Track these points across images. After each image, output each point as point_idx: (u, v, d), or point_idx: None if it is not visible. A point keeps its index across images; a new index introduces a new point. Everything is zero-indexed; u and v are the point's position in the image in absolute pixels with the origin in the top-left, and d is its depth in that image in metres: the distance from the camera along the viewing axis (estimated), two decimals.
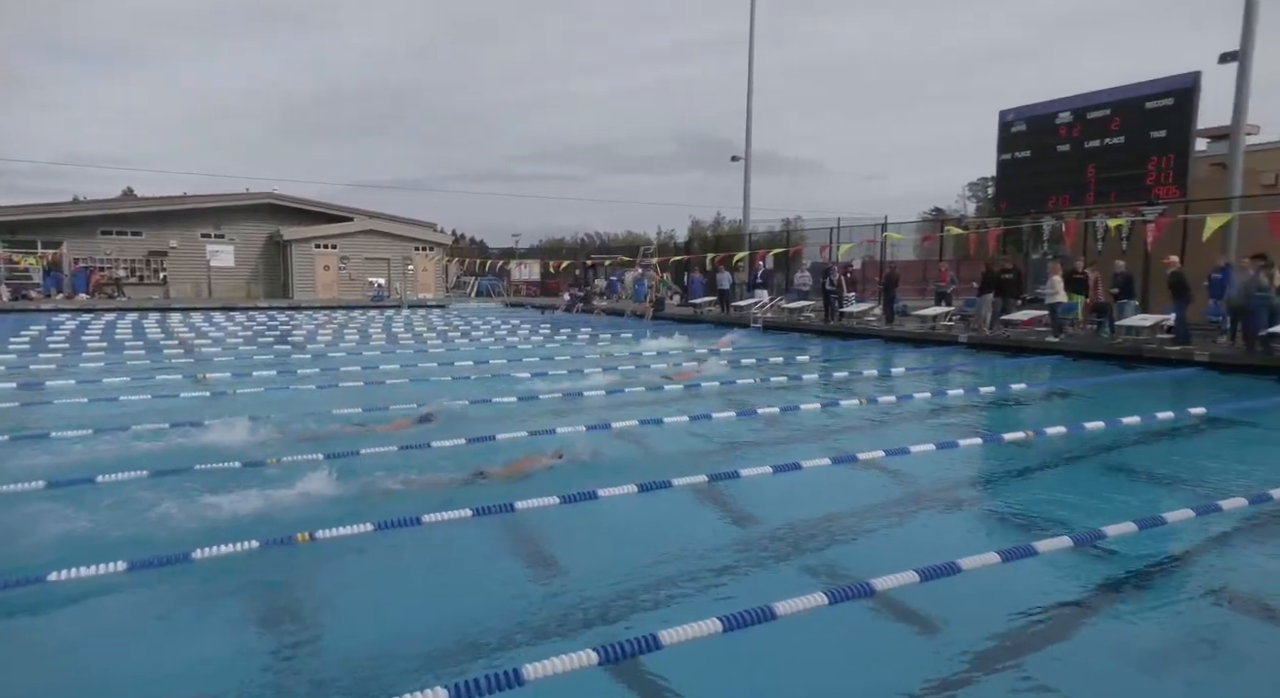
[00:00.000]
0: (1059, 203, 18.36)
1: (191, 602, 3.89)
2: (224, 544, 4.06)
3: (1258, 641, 3.63)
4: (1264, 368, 11.65)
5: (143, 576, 3.90)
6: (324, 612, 3.90)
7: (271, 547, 4.21)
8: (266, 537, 4.27)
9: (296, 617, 3.82)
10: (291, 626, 3.72)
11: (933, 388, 10.67)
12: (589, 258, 42.06)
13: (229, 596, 3.98)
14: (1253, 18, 14.69)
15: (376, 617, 3.85)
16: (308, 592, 4.12)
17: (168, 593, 3.94)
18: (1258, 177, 15.93)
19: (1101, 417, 8.15)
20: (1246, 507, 5.13)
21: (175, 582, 3.99)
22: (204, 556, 3.96)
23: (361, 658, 3.35)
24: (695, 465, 6.22)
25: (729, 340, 12.01)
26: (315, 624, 3.75)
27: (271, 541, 4.25)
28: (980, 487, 6.23)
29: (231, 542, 4.09)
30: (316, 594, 4.10)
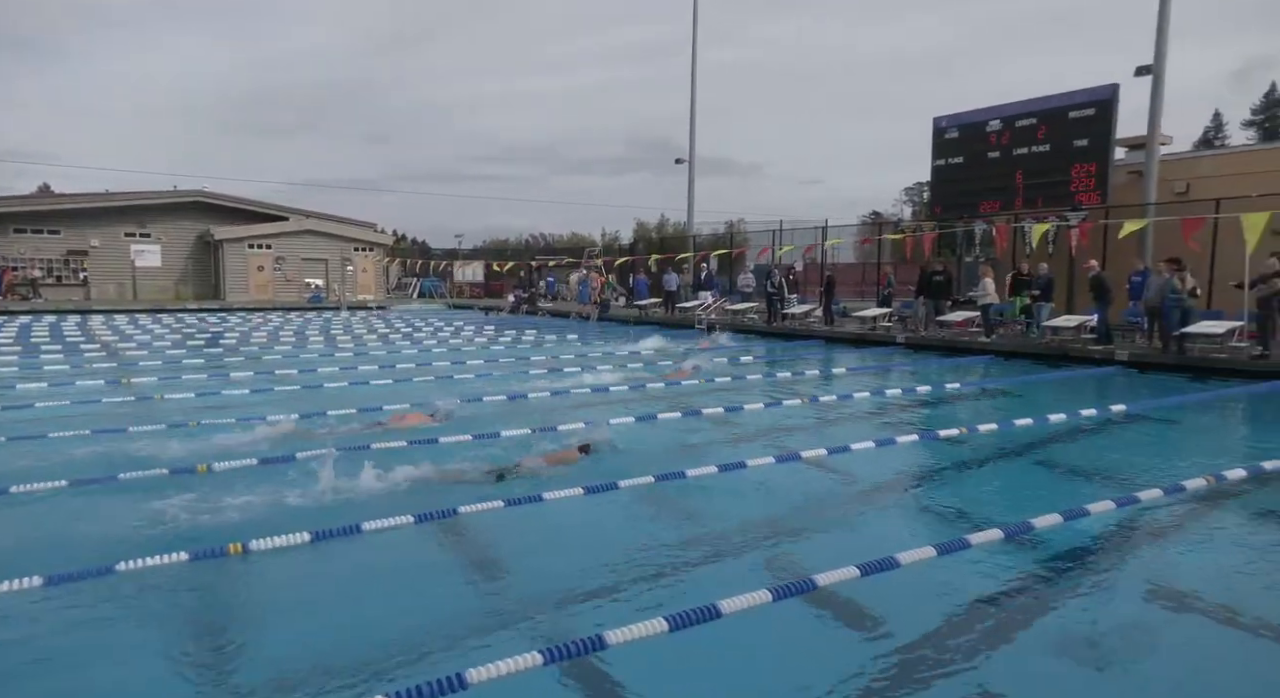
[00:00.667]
0: (990, 208, 19.05)
1: (115, 618, 3.72)
2: (151, 557, 3.89)
3: (1170, 624, 3.83)
4: (1178, 366, 12.30)
5: (61, 591, 3.71)
6: (257, 625, 3.77)
7: (202, 559, 4.06)
8: (197, 548, 4.12)
9: (227, 631, 3.69)
10: (222, 640, 3.59)
11: (872, 387, 10.93)
12: (534, 259, 41.75)
13: (155, 611, 3.82)
14: (1165, 34, 15.50)
15: (314, 627, 3.74)
16: (240, 604, 3.98)
17: (89, 609, 3.75)
18: (1171, 185, 16.80)
19: (1030, 414, 8.48)
20: (1162, 498, 5.41)
21: (97, 597, 3.81)
22: (129, 568, 3.79)
23: (298, 670, 3.25)
24: (642, 466, 6.24)
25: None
26: (248, 638, 3.62)
27: (202, 552, 4.09)
28: (918, 483, 6.40)
29: (159, 554, 3.93)
30: (250, 607, 3.97)
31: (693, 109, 28.09)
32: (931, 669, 3.29)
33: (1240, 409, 9.95)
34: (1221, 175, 16.59)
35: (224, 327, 21.59)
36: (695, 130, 28.13)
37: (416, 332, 20.31)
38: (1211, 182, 16.40)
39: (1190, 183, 16.83)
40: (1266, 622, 3.75)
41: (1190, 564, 4.52)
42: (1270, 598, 4.07)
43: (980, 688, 3.13)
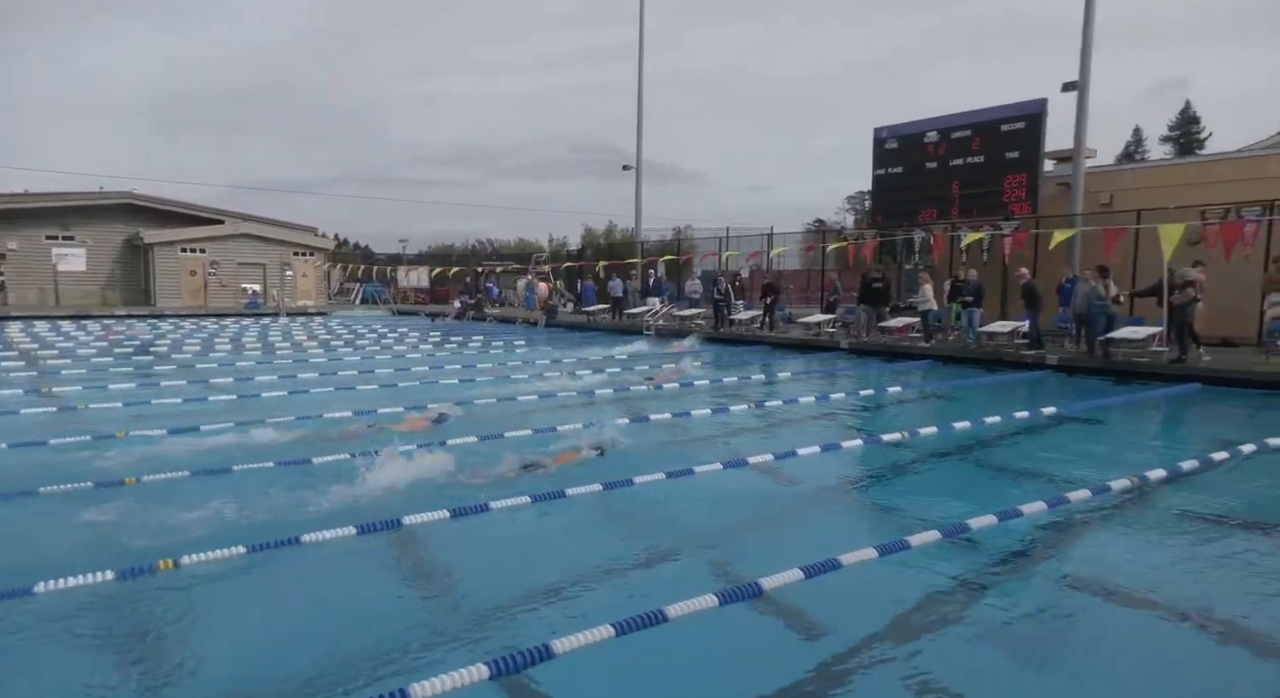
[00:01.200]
0: (929, 216, 19.63)
1: (34, 645, 3.53)
2: (74, 576, 3.71)
3: (1100, 621, 3.99)
4: (1104, 370, 12.86)
5: None
6: (190, 645, 3.63)
7: (130, 577, 3.89)
8: (124, 566, 3.94)
9: (158, 653, 3.54)
10: (152, 663, 3.45)
11: (817, 392, 11.13)
12: (480, 265, 41.31)
13: (79, 635, 3.64)
14: (1089, 52, 16.25)
15: (251, 645, 3.62)
16: (172, 624, 3.82)
17: (4, 635, 3.55)
18: (1096, 196, 17.60)
19: (967, 417, 8.76)
20: (1090, 498, 5.64)
21: (13, 624, 3.61)
22: (49, 589, 3.61)
23: (236, 689, 3.14)
24: (589, 474, 6.22)
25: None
26: (181, 658, 3.48)
27: (130, 570, 3.92)
28: (862, 486, 6.54)
29: (83, 573, 3.75)
30: (182, 627, 3.81)
31: (639, 115, 28.24)
32: (873, 668, 3.36)
33: (1160, 411, 10.45)
34: (1142, 188, 17.45)
35: (155, 333, 20.76)
36: (642, 137, 28.30)
37: (359, 338, 19.88)
38: (1133, 193, 17.23)
39: (1113, 194, 17.65)
40: (1183, 612, 3.94)
41: (1115, 561, 4.72)
42: (1187, 591, 4.28)
43: (921, 684, 3.21)
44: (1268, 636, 3.69)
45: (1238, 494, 6.10)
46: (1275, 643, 3.61)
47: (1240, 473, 6.76)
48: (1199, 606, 4.03)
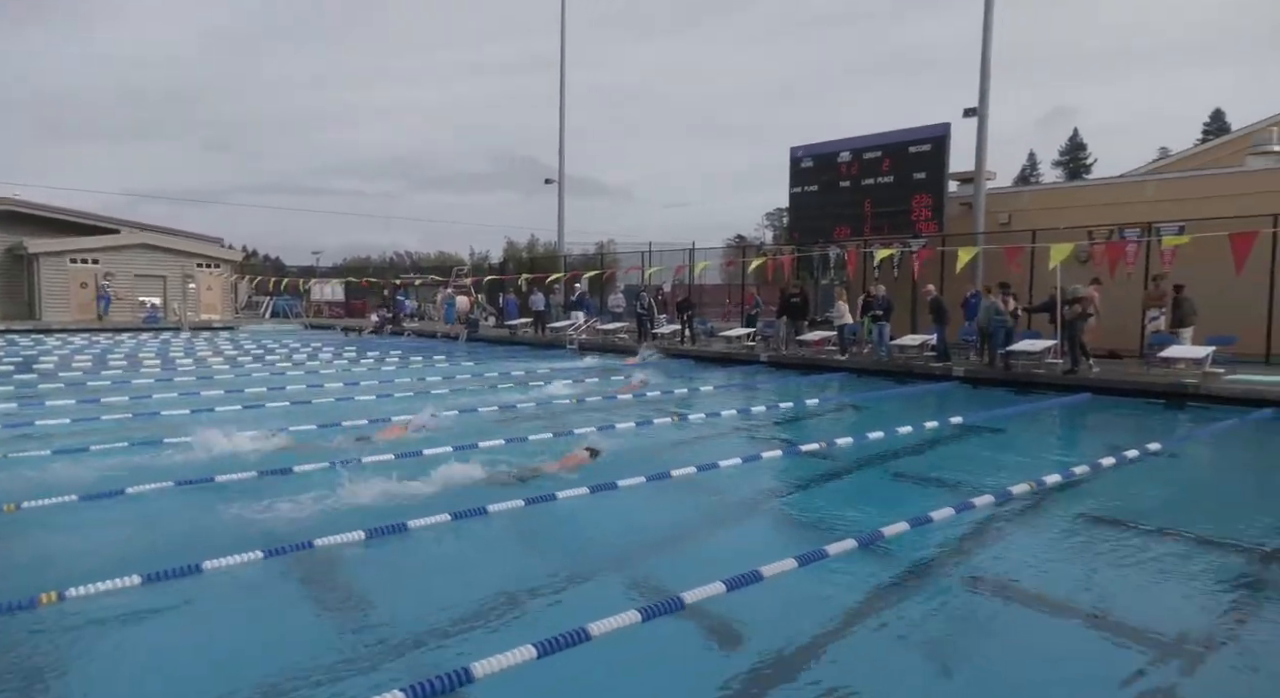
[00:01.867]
0: (842, 233, 20.34)
1: None
2: None
3: (1001, 620, 4.19)
4: (1005, 381, 13.57)
5: None
6: (78, 687, 3.37)
7: (7, 613, 3.59)
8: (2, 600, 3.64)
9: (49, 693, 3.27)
10: None
11: (739, 405, 11.32)
12: (398, 278, 40.32)
13: None
14: (987, 80, 17.24)
15: (145, 685, 3.39)
16: (55, 665, 3.54)
17: None
18: (996, 216, 18.62)
19: (881, 427, 9.08)
20: (993, 503, 5.93)
21: None
22: None
23: None
24: (511, 491, 6.13)
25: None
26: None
27: (6, 606, 3.62)
28: (782, 497, 6.67)
29: None
30: (68, 666, 3.53)
31: (561, 129, 28.27)
32: (793, 676, 3.42)
33: (1055, 419, 11.10)
34: (1037, 209, 18.58)
35: (39, 350, 19.35)
36: (565, 151, 28.31)
37: (269, 354, 19.05)
38: (1029, 214, 18.32)
39: (1011, 214, 18.71)
40: (1074, 607, 4.18)
41: (1015, 562, 4.96)
42: (1077, 587, 4.54)
43: (840, 690, 3.29)
44: (1146, 626, 3.95)
45: (1123, 496, 6.53)
46: (1151, 632, 3.87)
47: (1125, 476, 7.24)
48: (1088, 601, 4.29)
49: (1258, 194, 14.88)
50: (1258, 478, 7.86)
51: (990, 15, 17.03)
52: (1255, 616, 4.15)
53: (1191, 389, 11.46)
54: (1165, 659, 3.63)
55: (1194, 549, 5.20)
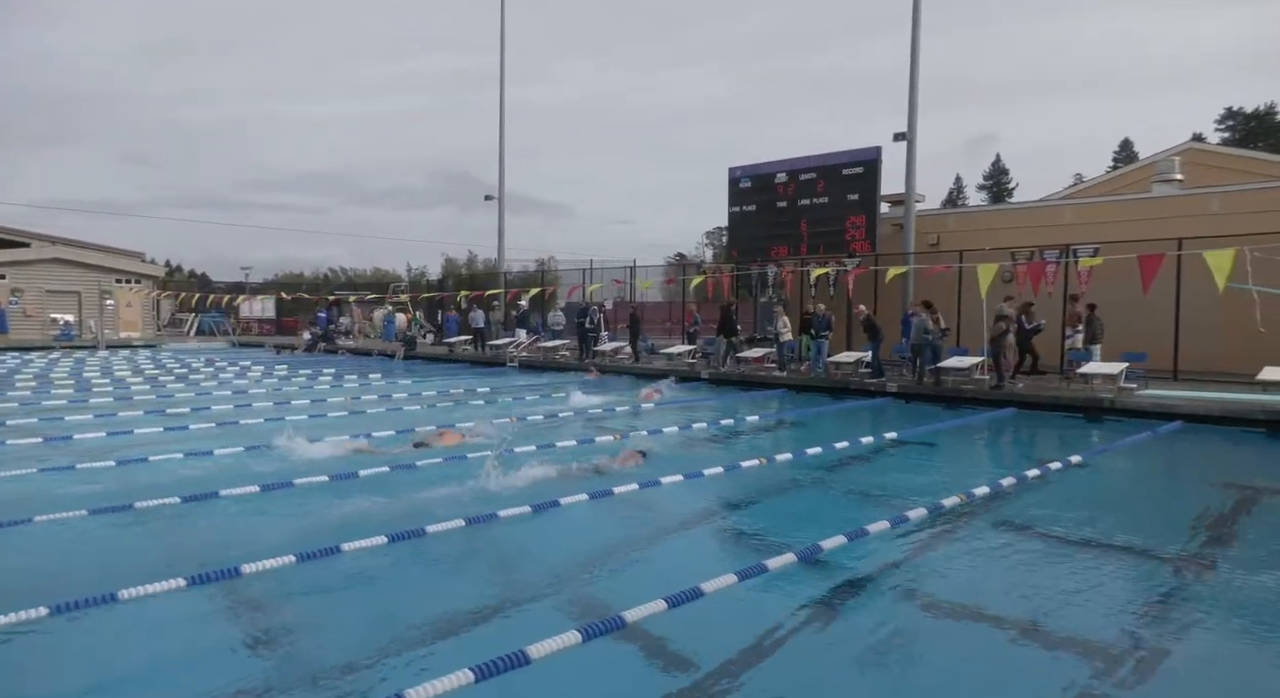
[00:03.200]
0: (780, 252, 20.77)
1: None
2: None
3: (941, 632, 4.29)
4: (936, 397, 14.01)
5: None
6: None
7: None
8: None
9: None
10: None
11: (680, 421, 11.36)
12: (332, 294, 39.30)
13: None
14: (915, 107, 17.92)
15: None
16: None
17: None
18: (926, 237, 19.31)
19: (819, 442, 9.25)
20: (926, 515, 6.10)
21: None
22: None
23: None
24: (450, 509, 6.01)
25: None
26: None
27: None
28: (723, 513, 6.71)
29: None
30: None
31: (501, 145, 28.16)
32: (733, 692, 3.43)
33: (984, 433, 11.50)
34: (964, 231, 19.35)
35: None
36: (505, 167, 28.20)
37: (193, 373, 18.29)
38: (956, 235, 19.08)
39: (940, 236, 19.44)
40: (1006, 619, 4.32)
41: (947, 572, 5.11)
42: (1006, 596, 4.69)
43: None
44: (1075, 634, 4.10)
45: (1048, 507, 6.80)
46: (1080, 640, 4.02)
47: (1050, 488, 7.54)
48: (1019, 611, 4.43)
49: (1163, 219, 15.88)
50: (1169, 487, 8.30)
51: (917, 45, 17.75)
52: (1175, 620, 4.36)
53: (1107, 404, 12.04)
54: (1095, 667, 3.77)
55: (1115, 557, 5.45)
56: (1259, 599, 4.63)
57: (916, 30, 17.71)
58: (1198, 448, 10.09)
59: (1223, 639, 4.17)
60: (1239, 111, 51.29)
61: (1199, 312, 14.21)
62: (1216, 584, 4.89)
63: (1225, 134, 50.73)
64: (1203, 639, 4.13)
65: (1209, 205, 16.09)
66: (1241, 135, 49.44)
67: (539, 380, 17.66)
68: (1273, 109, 50.01)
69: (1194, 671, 3.81)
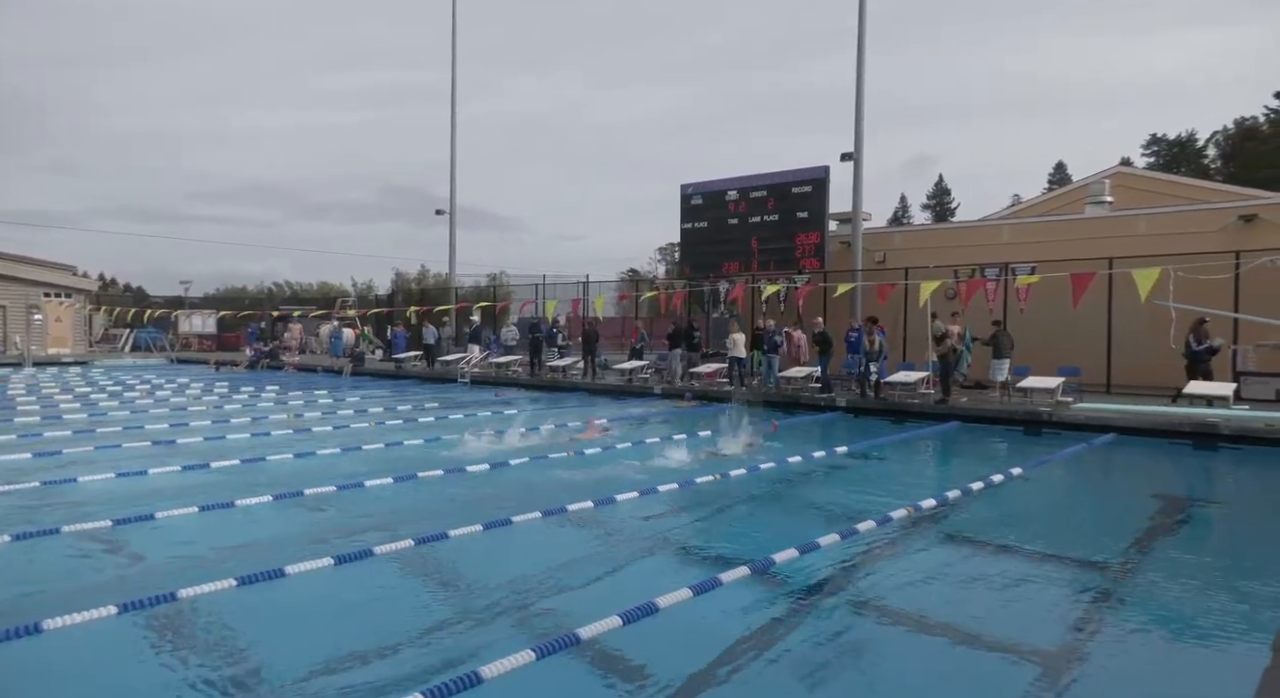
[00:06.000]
0: (732, 268, 21.04)
1: None
2: None
3: (892, 642, 4.36)
4: (884, 411, 14.31)
5: None
6: None
7: None
8: None
9: None
10: None
11: (633, 437, 11.36)
12: (276, 309, 38.32)
13: None
14: (861, 128, 18.43)
15: None
16: None
17: None
18: (872, 254, 19.81)
19: (772, 457, 9.35)
20: (875, 528, 6.21)
21: None
22: None
23: None
24: (399, 529, 5.90)
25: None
26: None
27: None
28: (678, 528, 6.71)
29: None
30: None
31: (453, 159, 27.95)
32: None
33: (929, 447, 11.78)
34: (909, 248, 19.92)
35: None
36: (456, 181, 27.99)
37: (128, 391, 17.59)
38: (902, 253, 19.62)
39: (886, 253, 19.97)
40: (955, 628, 4.42)
41: (897, 583, 5.20)
42: (952, 606, 4.80)
43: None
44: (1012, 639, 4.22)
45: (992, 518, 7.00)
46: (1015, 645, 4.14)
47: (993, 499, 7.76)
48: (967, 620, 4.54)
49: (1095, 239, 16.61)
50: (1103, 498, 8.62)
51: (862, 67, 18.27)
52: (1107, 626, 4.52)
53: (1045, 417, 12.47)
54: (1039, 672, 3.88)
55: (1056, 565, 5.62)
56: (1183, 604, 4.83)
57: (862, 53, 18.26)
58: (1129, 459, 10.51)
59: (1149, 643, 4.33)
60: (1163, 138, 54.02)
61: (1128, 328, 14.87)
62: (1145, 591, 5.09)
63: (1150, 159, 53.36)
64: (1131, 643, 4.29)
65: (1137, 226, 16.90)
66: (1165, 160, 52.09)
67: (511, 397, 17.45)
68: (1193, 136, 52.87)
69: (1122, 672, 3.95)
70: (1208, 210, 16.77)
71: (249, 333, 29.61)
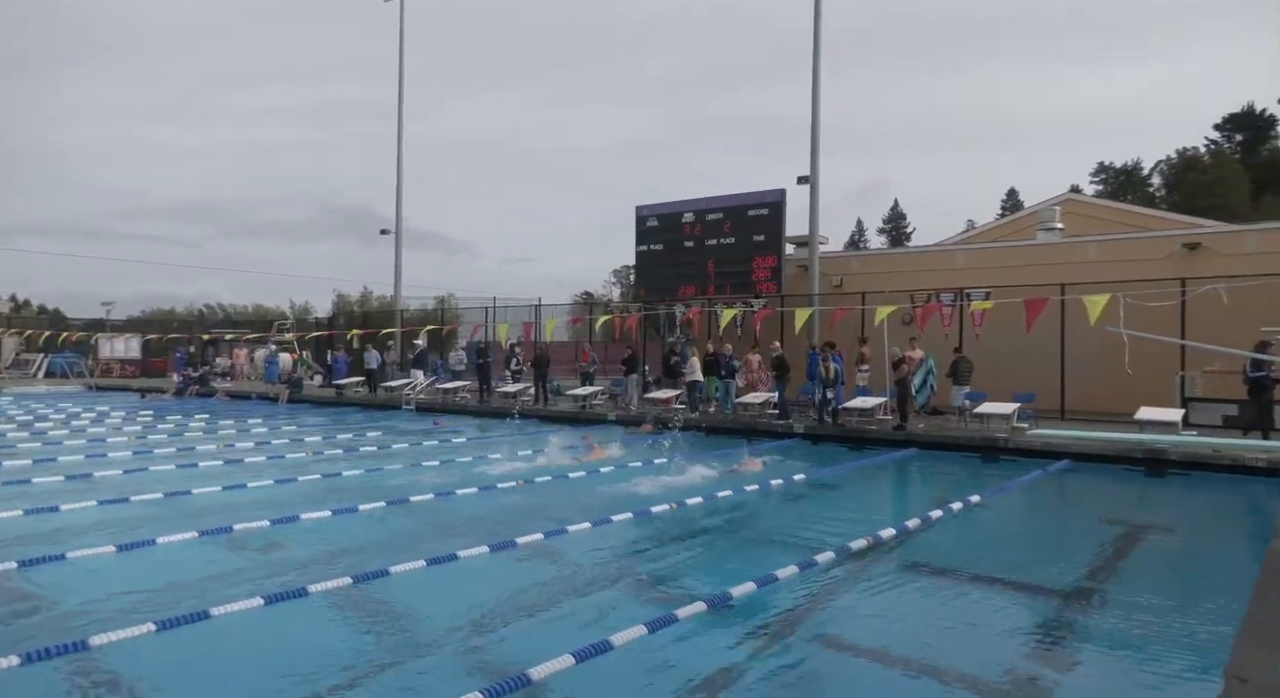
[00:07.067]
0: (688, 292, 21.21)
1: None
2: None
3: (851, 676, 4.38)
4: (842, 437, 14.49)
5: None
6: None
7: None
8: None
9: None
10: None
11: (587, 466, 11.28)
12: (207, 332, 37.26)
13: None
14: (817, 151, 18.90)
15: None
16: None
17: None
18: (830, 279, 20.18)
19: (729, 486, 9.38)
20: (834, 559, 6.26)
21: None
22: None
23: None
24: (337, 566, 5.73)
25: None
26: None
27: None
28: (633, 561, 6.66)
29: None
30: None
31: (399, 178, 27.70)
32: None
33: (888, 474, 11.96)
34: (866, 273, 20.36)
35: None
36: (403, 200, 27.72)
37: (39, 421, 16.83)
38: (859, 277, 20.03)
39: (843, 278, 20.37)
40: (914, 660, 4.46)
41: (858, 616, 5.24)
42: (912, 636, 4.85)
43: None
44: (973, 671, 4.28)
45: (951, 546, 7.12)
46: (976, 677, 4.20)
47: (952, 527, 7.90)
48: (927, 652, 4.58)
49: (1047, 265, 17.23)
50: (1059, 525, 8.84)
51: (817, 91, 18.78)
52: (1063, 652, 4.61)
53: (1002, 443, 12.78)
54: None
55: (1014, 594, 5.73)
56: (1137, 633, 4.96)
57: (817, 79, 18.78)
58: (1084, 486, 10.83)
59: (1104, 672, 4.43)
60: (1110, 166, 56.75)
61: (1081, 353, 15.37)
62: (1099, 619, 5.21)
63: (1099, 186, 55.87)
64: (1086, 669, 4.38)
65: (1087, 253, 17.60)
66: (1113, 188, 54.61)
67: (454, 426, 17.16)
68: (1139, 165, 55.65)
69: None
70: (1154, 238, 17.56)
71: (177, 358, 28.68)
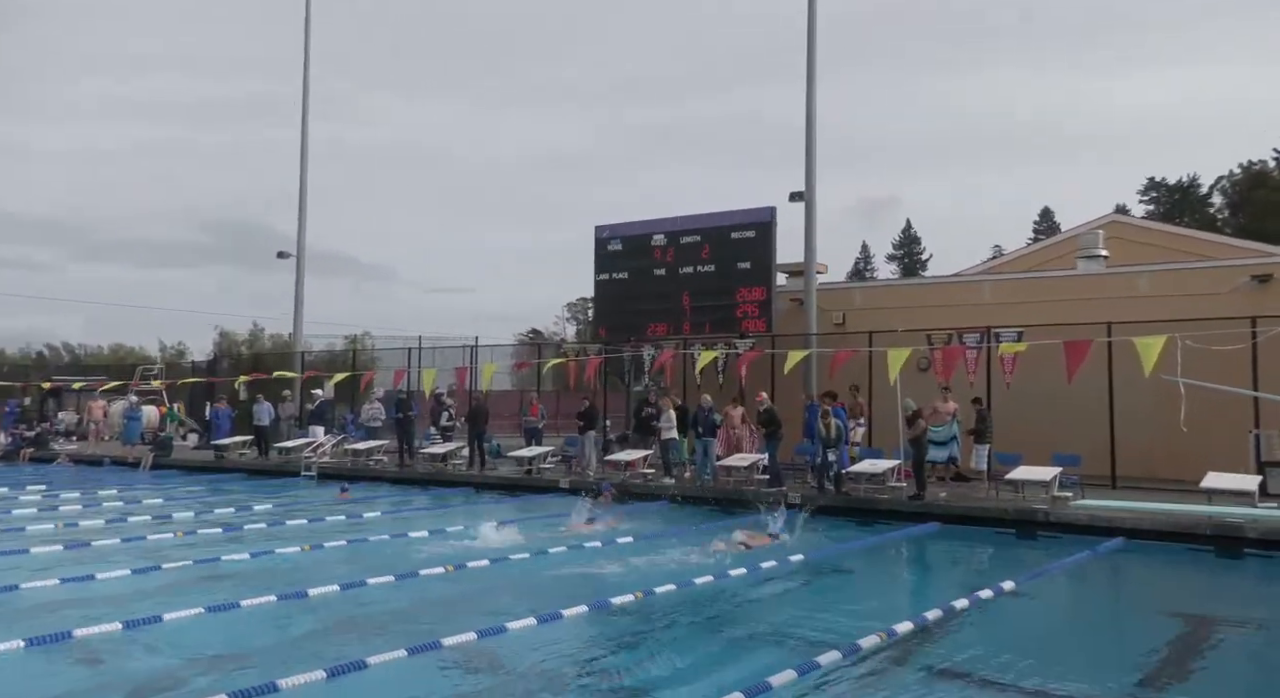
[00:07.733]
0: (658, 330, 21.24)
1: None
2: None
3: None
4: (847, 509, 14.52)
5: None
6: None
7: None
8: None
9: None
10: None
11: (534, 548, 11.13)
12: (48, 379, 36.41)
13: None
14: (813, 162, 19.34)
15: None
16: None
17: None
18: (829, 315, 20.43)
19: (709, 571, 9.33)
20: (841, 660, 6.24)
21: None
22: None
23: None
24: (208, 681, 5.58)
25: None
26: None
27: None
28: (589, 663, 6.56)
29: None
30: None
31: (302, 188, 27.68)
32: None
33: (903, 554, 12.01)
34: (873, 308, 20.69)
35: None
36: (306, 214, 27.63)
37: None
38: (864, 314, 20.32)
39: (846, 314, 20.65)
40: None
41: None
42: None
43: None
44: None
45: (980, 645, 7.12)
46: None
47: (982, 621, 7.94)
48: None
49: (1090, 300, 17.56)
50: (1114, 619, 8.93)
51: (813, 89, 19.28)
52: None
53: (1041, 517, 12.93)
54: None
55: None
56: None
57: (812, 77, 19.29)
58: (1143, 570, 10.98)
59: None
60: (1162, 183, 58.67)
61: (1134, 407, 15.45)
62: None
63: (1149, 206, 57.75)
64: None
65: (1137, 285, 18.06)
66: (1166, 209, 56.48)
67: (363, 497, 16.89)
68: (1196, 182, 57.50)
69: None
70: (1217, 268, 18.08)
71: (6, 412, 27.95)
